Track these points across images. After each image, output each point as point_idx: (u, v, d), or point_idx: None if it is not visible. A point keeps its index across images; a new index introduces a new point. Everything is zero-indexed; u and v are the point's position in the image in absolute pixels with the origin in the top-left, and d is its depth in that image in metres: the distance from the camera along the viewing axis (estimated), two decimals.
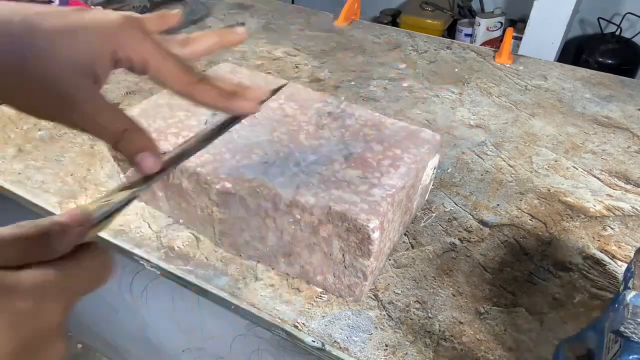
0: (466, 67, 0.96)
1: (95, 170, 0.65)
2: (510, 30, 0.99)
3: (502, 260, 0.54)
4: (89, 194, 0.61)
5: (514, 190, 0.64)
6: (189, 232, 0.56)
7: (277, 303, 0.49)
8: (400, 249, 0.55)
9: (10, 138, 0.70)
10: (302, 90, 0.59)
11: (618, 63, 1.81)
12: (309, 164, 0.47)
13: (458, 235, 0.57)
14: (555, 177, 0.67)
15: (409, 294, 0.50)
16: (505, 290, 0.51)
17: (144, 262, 0.54)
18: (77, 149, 0.69)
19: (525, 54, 1.02)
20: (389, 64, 0.95)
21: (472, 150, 0.72)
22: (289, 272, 0.51)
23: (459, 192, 0.63)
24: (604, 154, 0.72)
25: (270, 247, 0.50)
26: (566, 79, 0.93)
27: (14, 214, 0.99)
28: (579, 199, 0.63)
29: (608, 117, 0.81)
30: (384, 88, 0.87)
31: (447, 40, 1.07)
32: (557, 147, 0.73)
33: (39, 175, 0.64)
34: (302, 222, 0.45)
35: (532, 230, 0.58)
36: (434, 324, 0.47)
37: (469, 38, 2.08)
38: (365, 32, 1.09)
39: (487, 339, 0.46)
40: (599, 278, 0.52)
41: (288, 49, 1.00)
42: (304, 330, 0.46)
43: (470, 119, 0.79)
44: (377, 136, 0.52)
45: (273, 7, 1.20)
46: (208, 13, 1.14)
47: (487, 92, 0.87)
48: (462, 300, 0.49)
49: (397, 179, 0.46)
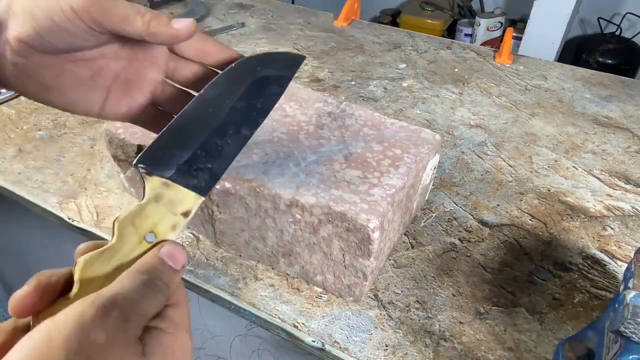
0: (466, 67, 0.96)
1: (95, 170, 0.65)
2: (510, 30, 0.99)
3: (502, 260, 0.54)
4: (89, 194, 0.61)
5: (514, 190, 0.64)
6: (189, 232, 0.56)
7: (277, 303, 0.49)
8: (400, 249, 0.55)
9: (10, 138, 0.70)
10: (302, 90, 0.59)
11: (618, 63, 1.80)
12: (309, 164, 0.47)
13: (458, 235, 0.57)
14: (555, 177, 0.67)
15: (409, 294, 0.50)
16: (505, 290, 0.51)
17: None
18: (77, 149, 0.69)
19: (525, 54, 1.02)
20: (389, 64, 0.95)
21: (472, 150, 0.72)
22: (289, 272, 0.51)
23: (459, 192, 0.63)
24: (604, 154, 0.72)
25: (270, 247, 0.50)
26: (566, 79, 0.93)
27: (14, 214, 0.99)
28: (579, 199, 0.63)
29: (608, 117, 0.81)
30: (384, 88, 0.87)
31: (447, 40, 1.07)
32: (557, 147, 0.73)
33: (39, 175, 0.64)
34: (302, 222, 0.45)
35: (532, 230, 0.58)
36: (434, 324, 0.47)
37: (469, 38, 2.08)
38: (365, 32, 1.09)
39: (487, 339, 0.46)
40: (599, 278, 0.52)
41: (288, 49, 1.00)
42: (304, 330, 0.46)
43: (470, 119, 0.79)
44: (377, 136, 0.52)
45: (273, 7, 1.20)
46: (208, 13, 1.14)
47: (487, 92, 0.87)
48: (462, 300, 0.49)
49: (397, 179, 0.46)
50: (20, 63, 0.30)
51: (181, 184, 0.30)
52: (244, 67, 0.32)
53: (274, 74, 0.33)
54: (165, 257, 0.27)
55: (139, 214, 0.28)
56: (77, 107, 0.33)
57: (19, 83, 0.31)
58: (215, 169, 0.31)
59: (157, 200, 0.29)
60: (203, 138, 0.31)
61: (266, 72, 0.33)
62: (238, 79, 0.32)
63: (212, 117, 0.31)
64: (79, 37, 0.29)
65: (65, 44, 0.30)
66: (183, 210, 0.29)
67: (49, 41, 0.29)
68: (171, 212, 0.29)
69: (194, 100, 0.31)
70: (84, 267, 0.26)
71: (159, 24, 0.29)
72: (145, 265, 0.26)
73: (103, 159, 0.67)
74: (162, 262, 0.27)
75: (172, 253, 0.27)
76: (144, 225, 0.28)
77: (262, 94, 0.33)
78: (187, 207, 0.30)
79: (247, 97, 0.32)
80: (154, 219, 0.28)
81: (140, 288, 0.25)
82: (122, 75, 0.33)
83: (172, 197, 0.29)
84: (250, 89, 0.32)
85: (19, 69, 0.30)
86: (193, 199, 0.30)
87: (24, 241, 1.10)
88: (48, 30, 0.28)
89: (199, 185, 0.30)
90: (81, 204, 0.60)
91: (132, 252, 0.27)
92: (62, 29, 0.28)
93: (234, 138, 0.32)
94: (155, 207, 0.29)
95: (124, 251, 0.27)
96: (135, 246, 0.28)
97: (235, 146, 0.32)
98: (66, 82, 0.32)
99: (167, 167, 0.30)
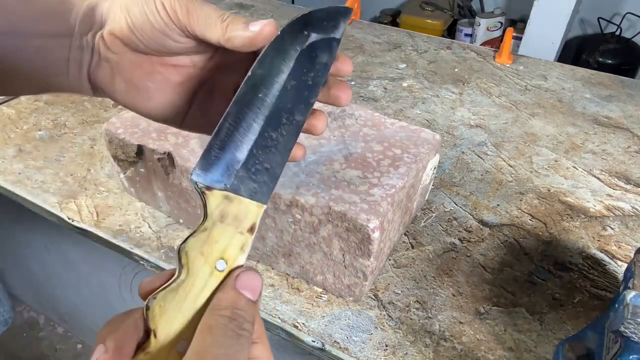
0: (466, 67, 0.95)
1: (95, 170, 0.65)
2: (510, 30, 0.99)
3: (502, 260, 0.54)
4: (89, 193, 0.61)
5: (514, 190, 0.64)
6: (189, 232, 0.56)
7: (277, 303, 0.49)
8: (400, 249, 0.55)
9: (10, 138, 0.70)
10: None
11: (618, 63, 1.80)
12: (309, 164, 0.47)
13: (458, 235, 0.57)
14: (555, 177, 0.67)
15: (409, 294, 0.50)
16: (505, 290, 0.51)
17: (144, 262, 0.54)
18: (77, 149, 0.69)
19: (525, 54, 1.02)
20: (389, 64, 0.95)
21: (472, 150, 0.72)
22: (289, 272, 0.51)
23: (459, 192, 0.63)
24: (604, 154, 0.72)
25: (270, 247, 0.50)
26: (566, 79, 0.93)
27: (14, 214, 0.99)
28: (579, 199, 0.63)
29: (608, 117, 0.81)
30: (384, 88, 0.87)
31: (447, 40, 1.07)
32: (557, 147, 0.73)
33: (39, 175, 0.64)
34: (302, 222, 0.45)
35: (532, 230, 0.58)
36: (434, 324, 0.47)
37: (469, 38, 2.08)
38: (365, 32, 1.09)
39: (487, 339, 0.46)
40: (599, 278, 0.52)
41: None
42: (304, 330, 0.46)
43: (470, 119, 0.79)
44: (377, 136, 0.52)
45: (273, 7, 1.20)
46: None
47: (487, 92, 0.87)
48: (462, 300, 0.49)
49: (397, 179, 0.46)
50: (112, 59, 0.30)
51: (243, 194, 0.26)
52: (291, 33, 0.28)
53: (322, 38, 0.28)
54: (242, 289, 0.25)
55: (206, 240, 0.25)
56: (164, 112, 0.32)
57: (109, 82, 0.31)
58: (273, 169, 0.27)
59: (223, 220, 0.26)
60: (257, 132, 0.27)
61: (314, 37, 0.28)
62: (285, 50, 0.28)
63: (262, 104, 0.27)
64: (169, 37, 0.29)
65: (156, 43, 0.29)
66: (249, 226, 0.26)
67: (141, 39, 0.29)
68: (238, 230, 0.26)
69: (242, 86, 0.27)
70: (160, 313, 0.24)
71: (235, 28, 0.28)
72: (225, 303, 0.25)
73: (103, 159, 0.67)
74: (241, 296, 0.25)
75: (249, 283, 0.26)
76: (213, 252, 0.25)
77: (313, 66, 0.28)
78: (252, 220, 0.26)
79: (297, 72, 0.28)
80: (223, 243, 0.26)
81: (229, 340, 0.23)
82: (208, 84, 0.33)
83: (236, 212, 0.26)
84: (299, 62, 0.28)
85: (111, 66, 0.30)
86: (256, 209, 0.27)
87: (24, 241, 1.10)
88: (141, 27, 0.28)
89: (260, 191, 0.27)
90: (81, 204, 0.60)
91: (206, 286, 0.25)
92: (154, 27, 0.28)
93: (288, 128, 0.28)
94: (222, 228, 0.26)
95: (197, 286, 0.25)
96: (207, 278, 0.25)
97: (291, 137, 0.28)
98: (155, 84, 0.31)
99: (225, 176, 0.26)
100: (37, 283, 1.27)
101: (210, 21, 0.28)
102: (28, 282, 1.32)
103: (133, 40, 0.29)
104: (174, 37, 0.29)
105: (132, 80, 0.31)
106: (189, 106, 0.33)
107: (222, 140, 0.27)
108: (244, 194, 0.26)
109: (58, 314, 1.39)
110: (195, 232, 0.25)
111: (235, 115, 0.27)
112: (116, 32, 0.29)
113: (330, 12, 0.28)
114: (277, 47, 0.27)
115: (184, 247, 0.25)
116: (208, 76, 0.33)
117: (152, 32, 0.29)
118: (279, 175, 0.28)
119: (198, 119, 0.33)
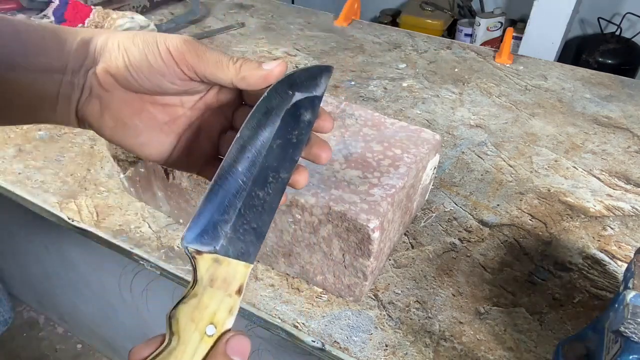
0: (466, 67, 0.96)
1: (95, 170, 0.65)
2: (510, 30, 0.99)
3: (502, 260, 0.54)
4: (89, 193, 0.61)
5: (514, 190, 0.64)
6: None
7: (277, 303, 0.49)
8: (400, 249, 0.55)
9: (10, 138, 0.70)
10: None
11: (618, 63, 1.81)
12: (308, 164, 0.47)
13: (458, 235, 0.57)
14: (555, 177, 0.67)
15: (409, 294, 0.50)
16: (505, 290, 0.51)
17: (144, 262, 0.54)
18: (77, 149, 0.69)
19: (525, 54, 1.02)
20: (389, 64, 0.95)
21: (472, 150, 0.72)
22: (289, 272, 0.51)
23: (459, 192, 0.63)
24: (604, 154, 0.72)
25: (270, 247, 0.50)
26: (566, 79, 0.93)
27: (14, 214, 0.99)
28: (579, 199, 0.63)
29: (608, 117, 0.81)
30: (383, 88, 0.87)
31: (447, 40, 1.07)
32: (557, 147, 0.73)
33: (39, 175, 0.64)
34: (302, 222, 0.45)
35: (532, 230, 0.58)
36: (434, 324, 0.47)
37: (469, 38, 2.08)
38: (365, 32, 1.09)
39: (487, 339, 0.46)
40: (599, 278, 0.52)
41: (288, 49, 1.00)
42: (304, 330, 0.46)
43: (470, 119, 0.79)
44: (377, 136, 0.52)
45: (273, 7, 1.20)
46: (208, 13, 1.14)
47: (487, 92, 0.87)
48: (462, 300, 0.49)
49: (397, 179, 0.46)
50: (103, 96, 0.30)
51: (231, 255, 0.27)
52: (277, 93, 0.29)
53: (305, 97, 0.30)
54: (233, 355, 0.25)
55: (197, 306, 0.25)
56: (150, 149, 0.33)
57: (98, 118, 0.31)
58: (260, 228, 0.28)
59: (212, 284, 0.26)
60: (245, 193, 0.27)
61: (298, 97, 0.29)
62: (272, 110, 0.29)
63: (251, 164, 0.28)
64: (166, 78, 0.30)
65: (152, 84, 0.30)
66: (237, 288, 0.26)
67: (137, 78, 0.29)
68: (227, 293, 0.26)
69: (231, 147, 0.28)
70: None
71: (249, 68, 0.30)
72: None
73: (103, 159, 0.67)
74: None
75: (239, 349, 0.26)
76: (203, 317, 0.25)
77: (297, 125, 0.29)
78: (240, 281, 0.27)
79: (282, 131, 0.29)
80: (213, 308, 0.26)
81: None
82: (194, 124, 0.34)
83: (224, 275, 0.26)
84: (285, 121, 0.29)
85: (100, 102, 0.30)
86: (243, 269, 0.27)
87: (24, 241, 1.10)
88: (138, 67, 0.29)
89: (247, 251, 0.27)
90: (81, 203, 0.60)
91: (196, 353, 0.25)
92: (153, 68, 0.29)
93: (274, 186, 0.28)
94: (212, 292, 0.26)
95: (188, 353, 0.25)
96: (197, 344, 0.25)
97: (276, 195, 0.29)
98: (143, 123, 0.32)
99: (214, 239, 0.26)
100: (37, 283, 1.27)
101: (222, 64, 0.30)
102: (28, 282, 1.32)
103: (128, 79, 0.29)
104: (170, 79, 0.30)
105: (121, 118, 0.31)
106: (175, 145, 0.34)
107: (212, 202, 0.27)
108: (232, 255, 0.27)
109: (58, 314, 1.39)
110: (184, 297, 0.25)
111: (224, 177, 0.27)
112: (111, 70, 0.29)
113: (312, 72, 0.30)
114: (264, 108, 0.29)
115: (175, 314, 0.25)
116: (195, 117, 0.34)
117: (149, 72, 0.29)
118: (265, 234, 0.28)
119: (183, 158, 0.34)
